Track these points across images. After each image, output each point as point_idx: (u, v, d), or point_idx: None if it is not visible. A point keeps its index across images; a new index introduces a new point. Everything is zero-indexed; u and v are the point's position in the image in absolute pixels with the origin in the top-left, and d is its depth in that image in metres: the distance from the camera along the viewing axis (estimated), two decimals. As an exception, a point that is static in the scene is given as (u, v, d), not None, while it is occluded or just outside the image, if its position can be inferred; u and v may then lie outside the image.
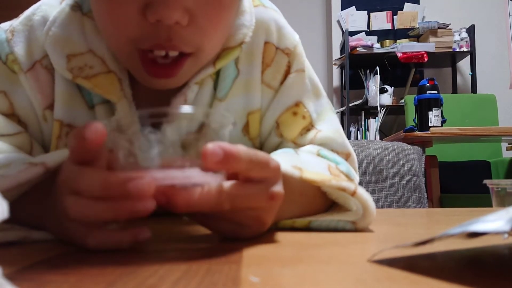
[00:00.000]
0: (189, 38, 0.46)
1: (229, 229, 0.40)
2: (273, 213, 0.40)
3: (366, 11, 3.98)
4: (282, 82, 0.60)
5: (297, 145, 0.61)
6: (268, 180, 0.38)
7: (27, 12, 0.58)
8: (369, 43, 3.70)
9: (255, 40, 0.57)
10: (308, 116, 0.61)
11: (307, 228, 0.50)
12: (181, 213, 0.37)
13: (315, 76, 0.64)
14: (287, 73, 0.60)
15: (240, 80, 0.58)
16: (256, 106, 0.60)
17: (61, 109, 0.56)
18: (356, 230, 0.49)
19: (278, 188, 0.38)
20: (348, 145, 0.63)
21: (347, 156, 0.62)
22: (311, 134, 0.60)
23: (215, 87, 0.57)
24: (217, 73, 0.57)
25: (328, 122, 0.62)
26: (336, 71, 4.10)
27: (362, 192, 0.48)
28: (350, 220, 0.49)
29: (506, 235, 0.40)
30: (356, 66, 3.73)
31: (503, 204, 0.59)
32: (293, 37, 0.61)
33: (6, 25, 0.58)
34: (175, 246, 0.40)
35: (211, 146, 0.33)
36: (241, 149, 0.35)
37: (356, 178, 0.62)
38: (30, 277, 0.29)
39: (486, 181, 0.63)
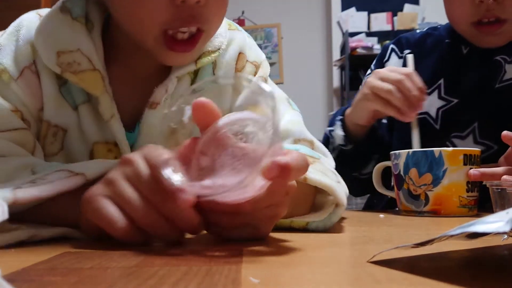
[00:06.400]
0: (205, 16, 0.55)
1: (247, 233, 0.42)
2: (287, 206, 0.42)
3: (366, 12, 3.99)
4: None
5: None
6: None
7: (9, 29, 0.62)
8: (369, 44, 3.70)
9: (231, 53, 0.68)
10: None
11: (305, 229, 0.50)
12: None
13: (278, 89, 0.72)
14: (253, 76, 0.70)
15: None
16: (226, 107, 0.66)
17: (49, 111, 0.60)
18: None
19: (291, 182, 0.41)
20: (308, 134, 0.66)
21: (310, 144, 0.64)
22: None
23: (191, 85, 0.66)
24: (195, 75, 0.66)
25: (285, 117, 0.66)
26: (336, 72, 4.10)
27: (314, 176, 0.50)
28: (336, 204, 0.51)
29: (505, 236, 0.40)
30: (356, 67, 3.73)
31: (503, 205, 0.59)
32: (260, 54, 0.72)
33: None
34: (175, 248, 0.40)
35: (268, 164, 0.35)
36: (294, 157, 0.37)
37: (326, 158, 0.64)
38: (30, 278, 0.29)
39: (486, 182, 0.63)
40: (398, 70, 0.82)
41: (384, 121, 0.98)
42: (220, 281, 0.26)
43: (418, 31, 1.07)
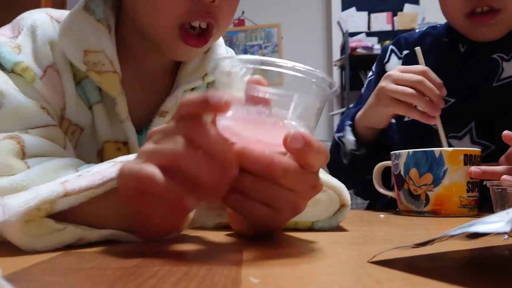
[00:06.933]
0: (216, 14, 0.61)
1: (264, 214, 0.39)
2: (307, 202, 0.42)
3: (366, 12, 3.98)
4: None
5: None
6: (315, 170, 0.40)
7: (24, 30, 0.61)
8: (369, 44, 3.70)
9: None
10: None
11: (310, 229, 0.51)
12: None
13: None
14: None
15: None
16: None
17: (70, 110, 0.62)
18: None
19: (320, 180, 0.41)
20: None
21: None
22: None
23: None
24: (193, 88, 0.72)
25: None
26: (336, 72, 4.10)
27: (321, 176, 0.50)
28: (342, 204, 0.51)
29: (506, 236, 0.40)
30: (356, 67, 3.73)
31: (503, 205, 0.59)
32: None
33: (5, 41, 0.60)
34: (176, 247, 0.40)
35: (293, 132, 0.36)
36: (315, 139, 0.37)
37: None
38: (30, 278, 0.29)
39: (486, 182, 0.63)
40: (412, 70, 0.80)
41: (393, 120, 0.97)
42: (220, 281, 0.26)
43: (417, 30, 1.06)
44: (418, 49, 0.86)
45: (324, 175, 0.51)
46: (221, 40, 0.75)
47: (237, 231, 0.48)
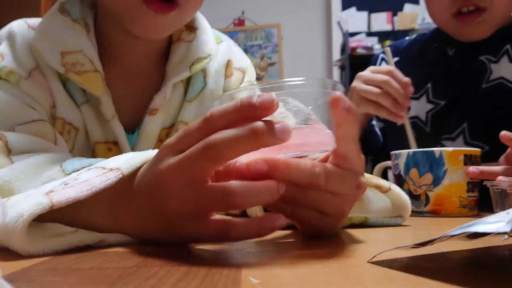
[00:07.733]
0: None
1: (312, 217, 0.40)
2: (353, 204, 0.42)
3: (366, 12, 3.99)
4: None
5: None
6: (357, 170, 0.40)
7: (4, 40, 0.62)
8: (370, 44, 3.70)
9: (220, 61, 0.73)
10: None
11: (363, 224, 0.53)
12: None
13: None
14: (240, 82, 0.76)
15: (206, 90, 0.71)
16: None
17: (61, 108, 0.62)
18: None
19: (363, 179, 0.41)
20: None
21: None
22: None
23: (185, 93, 0.70)
24: (188, 83, 0.70)
25: None
26: (336, 72, 4.10)
27: (394, 188, 0.53)
28: (400, 215, 0.54)
29: (506, 236, 0.40)
30: (356, 67, 3.73)
31: (503, 205, 0.59)
32: (245, 60, 0.78)
33: None
34: (176, 248, 0.40)
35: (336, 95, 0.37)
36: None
37: None
38: (30, 278, 0.29)
39: (486, 182, 0.63)
40: (379, 70, 0.84)
41: (374, 122, 1.00)
42: (220, 281, 0.26)
43: (407, 38, 1.10)
44: (387, 49, 0.90)
45: (395, 187, 0.54)
46: (207, 26, 0.73)
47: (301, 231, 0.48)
